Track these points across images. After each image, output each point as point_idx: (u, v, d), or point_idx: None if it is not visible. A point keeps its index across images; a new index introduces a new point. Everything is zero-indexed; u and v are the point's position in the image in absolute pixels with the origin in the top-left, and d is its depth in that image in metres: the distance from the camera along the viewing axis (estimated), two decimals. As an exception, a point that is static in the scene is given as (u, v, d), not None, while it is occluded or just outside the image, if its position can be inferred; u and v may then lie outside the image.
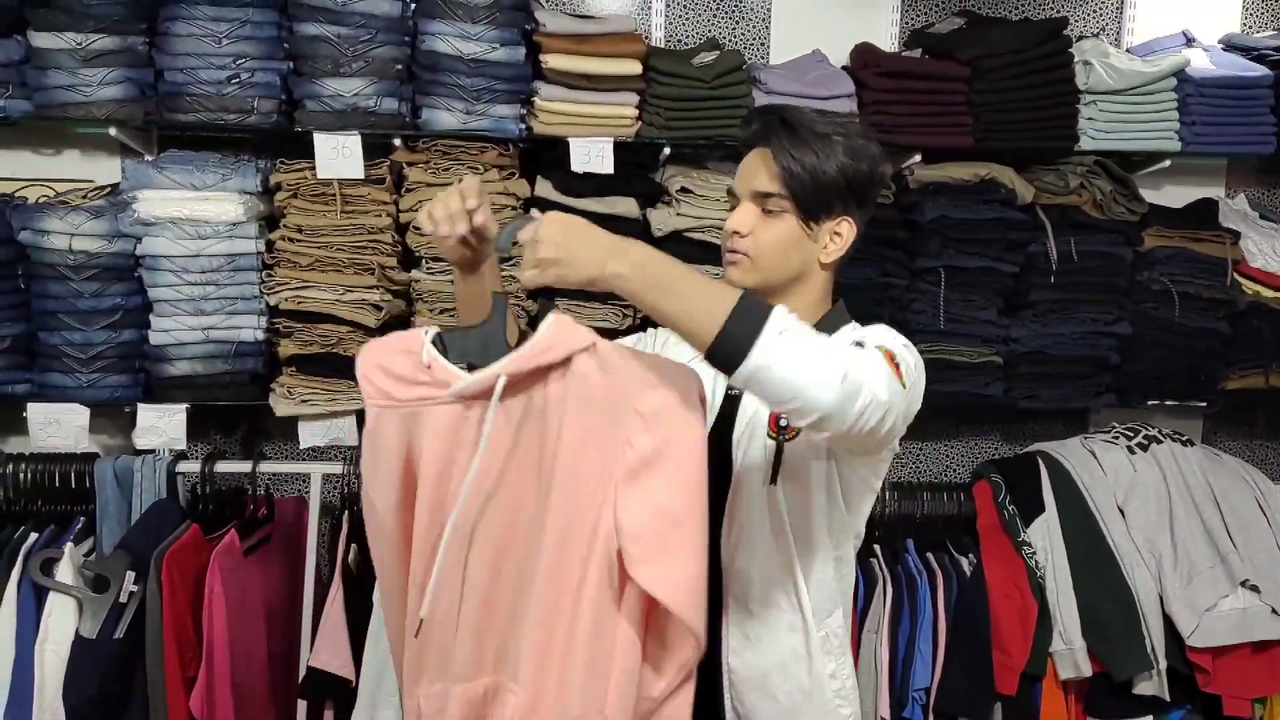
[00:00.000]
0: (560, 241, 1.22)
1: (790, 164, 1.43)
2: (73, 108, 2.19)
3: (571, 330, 1.26)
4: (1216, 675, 2.30)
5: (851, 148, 1.46)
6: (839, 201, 1.46)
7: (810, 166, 1.43)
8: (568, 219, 1.25)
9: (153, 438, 2.32)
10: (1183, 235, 2.55)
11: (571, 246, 1.22)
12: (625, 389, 1.23)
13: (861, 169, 1.46)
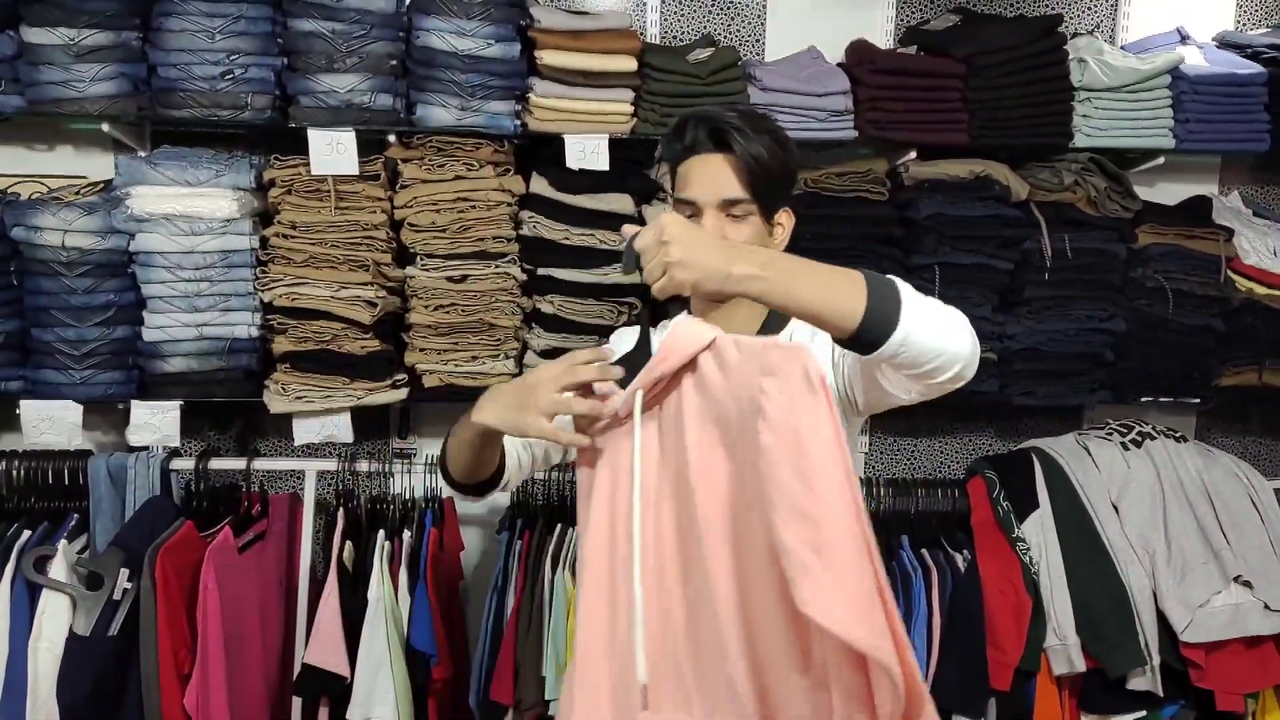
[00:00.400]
0: (687, 241, 1.16)
1: (754, 166, 1.44)
2: (66, 103, 2.18)
3: (692, 332, 1.18)
4: (1209, 670, 2.31)
5: (781, 137, 1.48)
6: (785, 192, 1.49)
7: (766, 164, 1.44)
8: (684, 222, 1.19)
9: (146, 435, 2.31)
10: (1177, 232, 2.56)
11: (697, 249, 1.16)
12: (747, 383, 1.13)
13: (793, 156, 1.49)
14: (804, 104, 2.36)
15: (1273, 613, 2.32)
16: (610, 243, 2.37)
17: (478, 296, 2.34)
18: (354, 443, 2.44)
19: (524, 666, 2.18)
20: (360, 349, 2.30)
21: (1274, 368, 2.63)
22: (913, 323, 1.17)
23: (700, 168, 1.46)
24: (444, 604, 2.26)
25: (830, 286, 1.17)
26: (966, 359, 1.22)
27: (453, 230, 2.31)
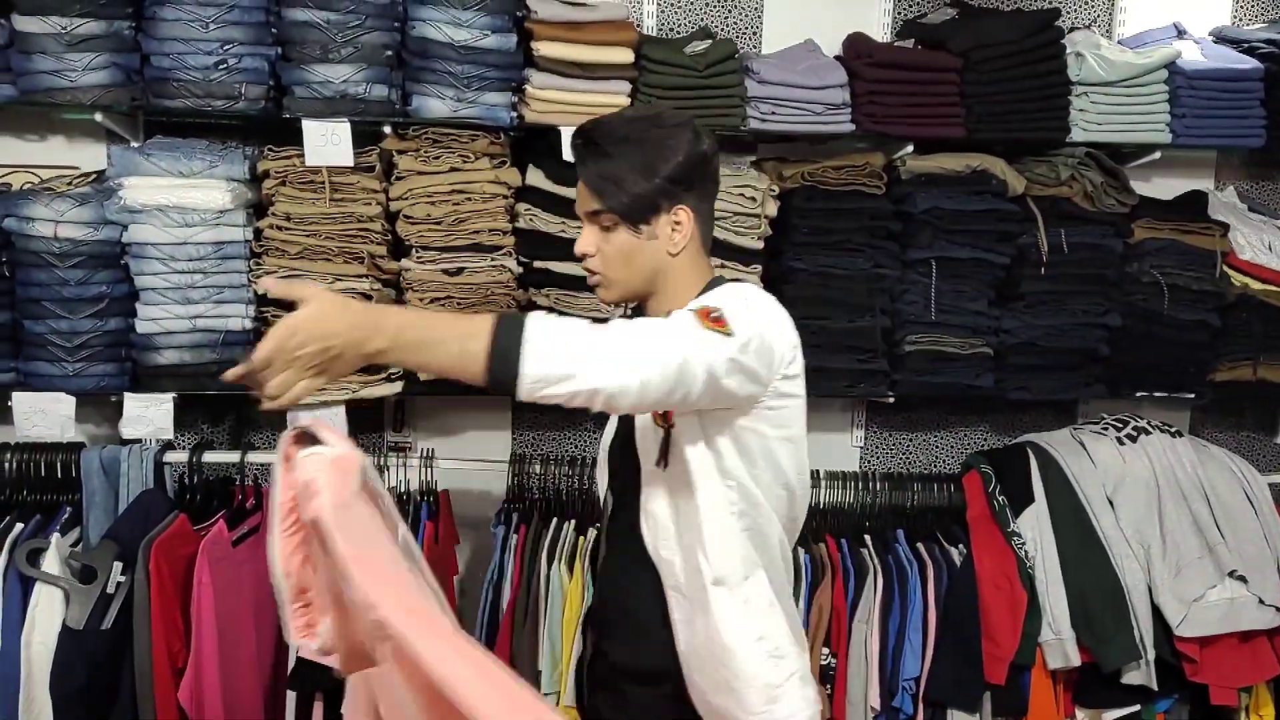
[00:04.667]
0: (318, 336, 1.20)
1: (598, 180, 1.48)
2: (58, 93, 2.16)
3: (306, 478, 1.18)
4: (1204, 665, 2.32)
5: (657, 141, 1.47)
6: (661, 197, 1.47)
7: (616, 175, 1.46)
8: (295, 322, 1.20)
9: (140, 427, 2.30)
10: (1172, 227, 2.56)
11: (323, 338, 1.20)
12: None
13: (673, 159, 1.46)
14: (801, 97, 2.35)
15: (1267, 607, 2.33)
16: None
17: (473, 289, 2.33)
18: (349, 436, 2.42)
19: (519, 660, 2.18)
20: (355, 342, 2.29)
21: (1269, 363, 2.64)
22: (542, 365, 1.22)
23: (579, 183, 1.53)
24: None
25: (454, 344, 1.23)
26: (610, 392, 1.25)
27: (448, 223, 2.30)
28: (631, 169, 1.46)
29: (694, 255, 1.53)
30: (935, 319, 2.46)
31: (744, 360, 1.34)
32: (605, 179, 1.47)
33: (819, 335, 2.44)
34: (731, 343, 1.33)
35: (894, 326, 2.48)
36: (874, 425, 2.86)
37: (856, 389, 2.52)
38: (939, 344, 2.48)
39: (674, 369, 1.27)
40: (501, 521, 2.33)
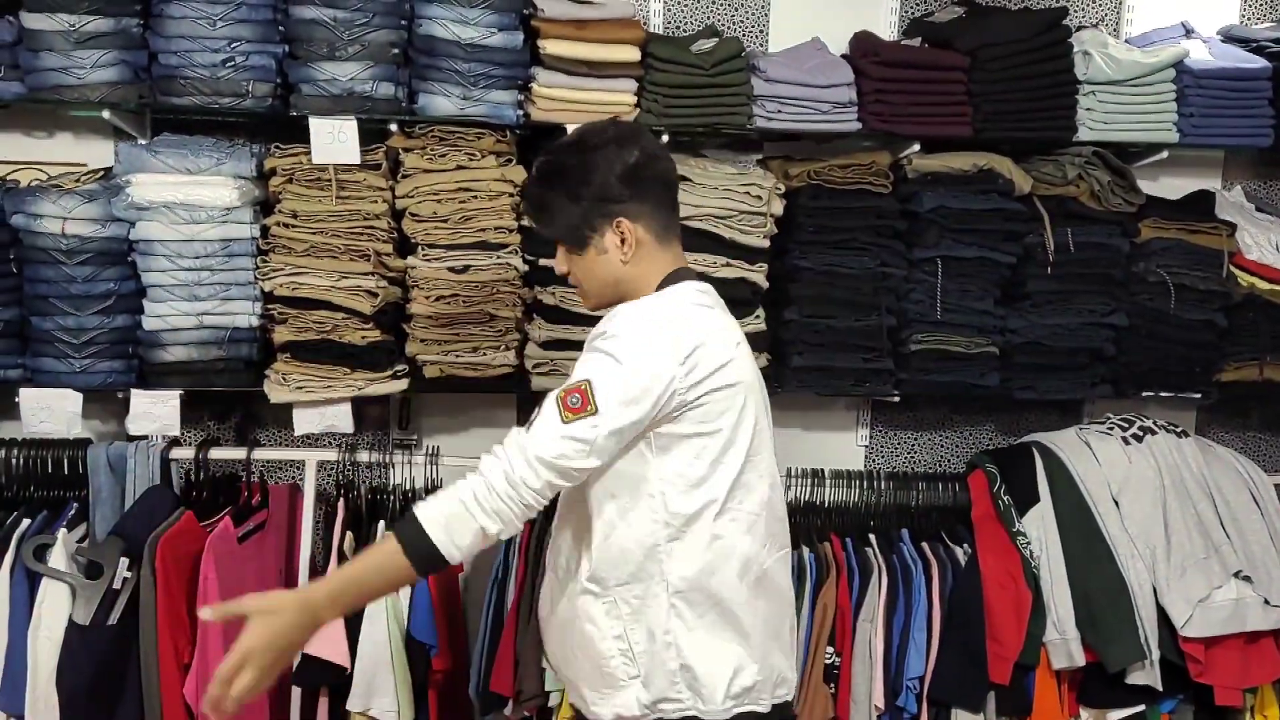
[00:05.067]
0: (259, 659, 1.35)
1: (535, 211, 1.67)
2: (66, 90, 2.16)
3: None
4: (1209, 665, 2.32)
5: (578, 166, 1.56)
6: (594, 216, 1.56)
7: (547, 205, 1.60)
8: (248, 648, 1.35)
9: (146, 424, 2.30)
10: (1179, 227, 2.55)
11: (276, 648, 1.36)
12: None
13: (596, 179, 1.54)
14: (808, 95, 2.35)
15: (1272, 608, 2.33)
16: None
17: (479, 287, 2.34)
18: (354, 433, 2.43)
19: (524, 658, 2.18)
20: (361, 339, 2.30)
21: (1275, 363, 2.64)
22: (452, 546, 1.42)
23: None
24: (444, 595, 2.26)
25: (381, 574, 1.46)
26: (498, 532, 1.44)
27: (454, 220, 2.30)
28: (557, 197, 1.57)
29: (650, 256, 1.59)
30: (941, 318, 2.45)
31: (608, 432, 1.44)
32: (540, 210, 1.63)
33: (824, 334, 2.44)
34: (592, 427, 1.43)
35: (900, 325, 2.48)
36: (879, 424, 2.85)
37: (862, 388, 2.51)
38: (945, 343, 2.48)
39: (541, 489, 1.44)
40: (506, 519, 2.33)
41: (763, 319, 2.45)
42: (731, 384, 1.53)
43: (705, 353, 1.50)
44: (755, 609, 1.58)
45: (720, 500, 1.53)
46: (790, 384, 2.47)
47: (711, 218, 2.36)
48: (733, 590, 1.55)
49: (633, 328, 1.50)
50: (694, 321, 1.53)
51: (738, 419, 1.54)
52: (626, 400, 1.44)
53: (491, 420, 2.73)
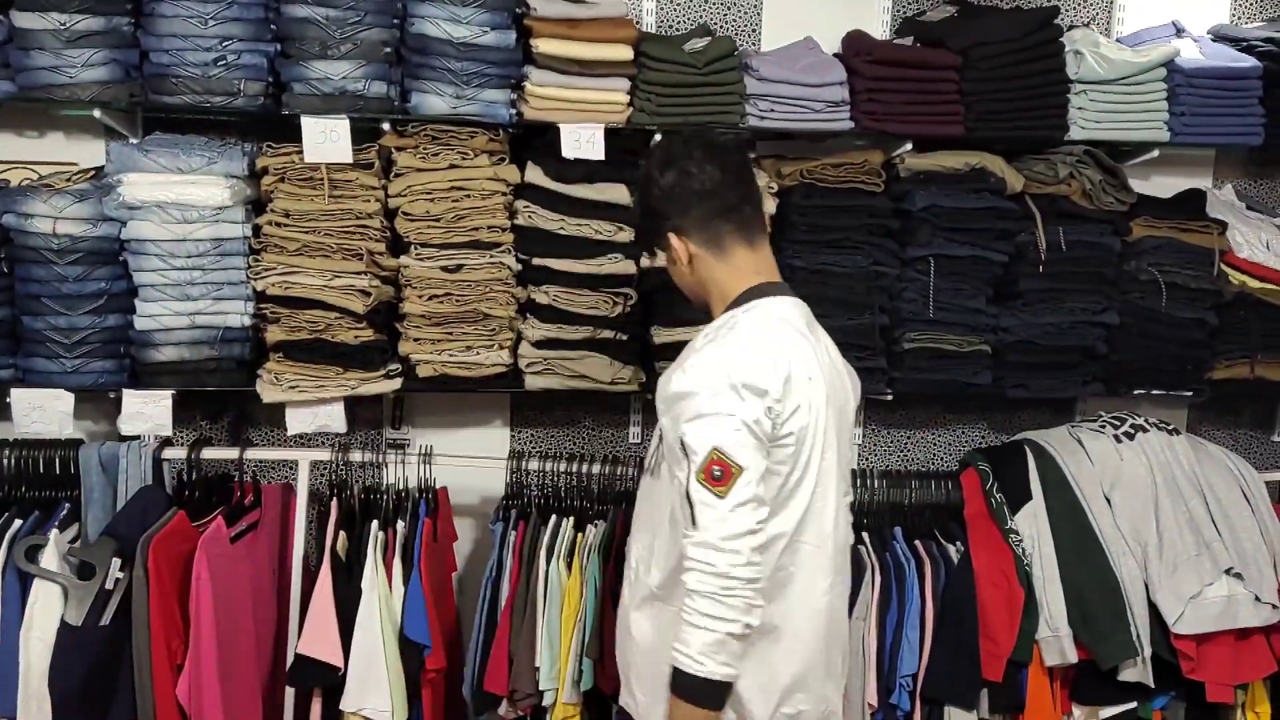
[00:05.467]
0: None
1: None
2: (56, 89, 2.16)
3: None
4: (1200, 662, 2.33)
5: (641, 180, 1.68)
6: (650, 231, 1.68)
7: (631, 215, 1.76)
8: None
9: (138, 424, 2.30)
10: (1171, 226, 2.56)
11: None
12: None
13: (642, 200, 1.67)
14: (800, 94, 2.35)
15: (1263, 604, 2.34)
16: (605, 233, 2.36)
17: (472, 286, 2.33)
18: (347, 433, 2.43)
19: (518, 657, 2.18)
20: (354, 338, 2.29)
21: (1266, 361, 2.65)
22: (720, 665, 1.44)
23: None
24: (438, 594, 2.25)
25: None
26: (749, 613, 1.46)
27: (447, 219, 2.30)
28: (635, 209, 1.76)
29: (710, 266, 1.63)
30: (934, 317, 2.46)
31: (759, 478, 1.47)
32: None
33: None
34: (747, 484, 1.45)
35: (892, 324, 2.48)
36: (872, 422, 2.86)
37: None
38: (937, 342, 2.48)
39: (750, 561, 1.44)
40: (500, 518, 2.33)
41: (756, 318, 2.45)
42: (804, 426, 1.53)
43: (783, 394, 1.51)
44: (810, 640, 1.59)
45: (789, 534, 1.55)
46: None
47: (704, 217, 2.37)
48: (789, 620, 1.57)
49: (715, 384, 1.49)
50: (768, 363, 1.52)
51: (809, 458, 1.55)
52: (754, 448, 1.47)
53: (484, 420, 2.73)
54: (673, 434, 1.53)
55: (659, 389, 1.58)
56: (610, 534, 2.26)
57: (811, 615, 1.58)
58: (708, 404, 1.48)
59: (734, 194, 1.61)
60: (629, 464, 2.37)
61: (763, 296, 1.60)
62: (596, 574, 2.20)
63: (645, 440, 2.79)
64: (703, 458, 1.45)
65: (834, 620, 1.63)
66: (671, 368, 1.60)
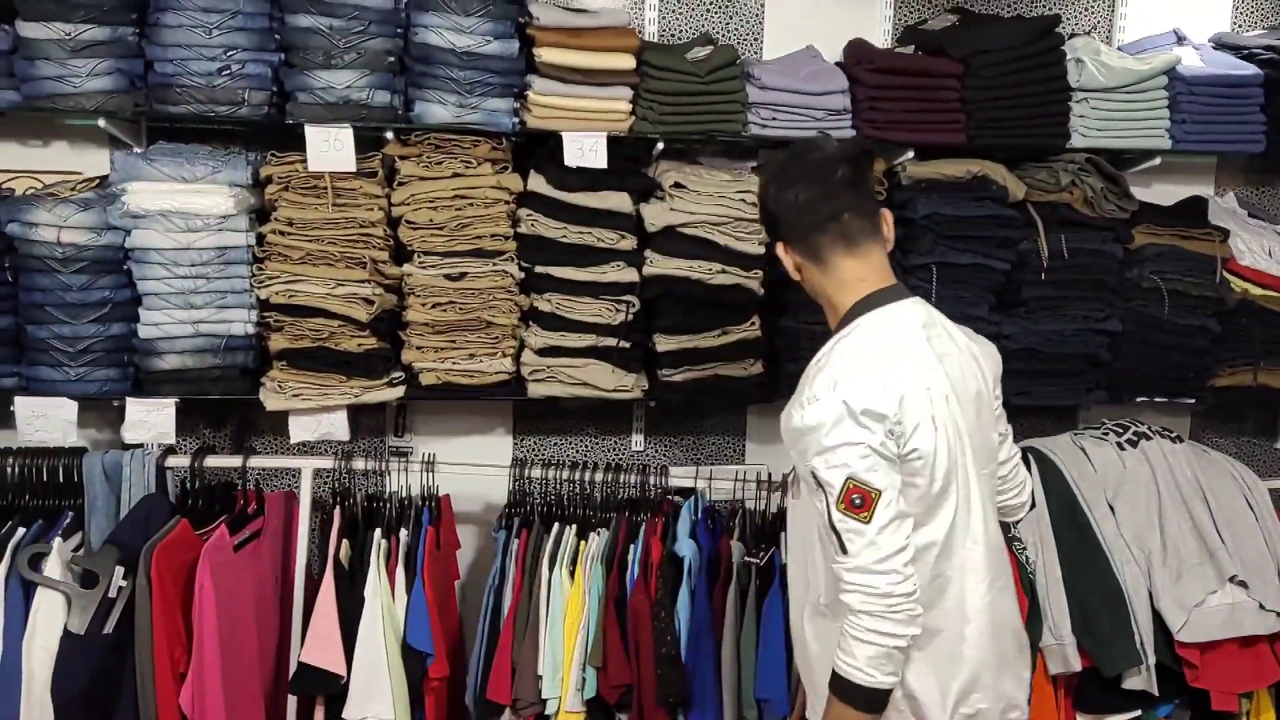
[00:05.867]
0: None
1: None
2: (61, 99, 2.17)
3: None
4: (1205, 670, 2.32)
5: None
6: (772, 240, 1.73)
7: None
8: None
9: (142, 432, 2.30)
10: (1173, 233, 2.56)
11: None
12: None
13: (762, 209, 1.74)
14: (802, 103, 2.36)
15: (1267, 612, 2.33)
16: (608, 241, 2.37)
17: (475, 294, 2.34)
18: (350, 441, 2.43)
19: (521, 665, 2.18)
20: (357, 346, 2.30)
21: (1269, 368, 2.65)
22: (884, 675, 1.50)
23: None
24: (441, 603, 2.25)
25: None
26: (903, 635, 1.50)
27: (450, 228, 2.31)
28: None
29: (818, 277, 1.67)
30: (936, 324, 2.46)
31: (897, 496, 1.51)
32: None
33: (819, 341, 2.41)
34: (887, 505, 1.49)
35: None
36: (875, 430, 2.85)
37: (857, 394, 2.51)
38: (940, 349, 2.48)
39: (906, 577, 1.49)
40: (503, 526, 2.33)
41: (758, 325, 2.46)
42: (931, 441, 1.54)
43: (900, 414, 1.52)
44: (980, 640, 1.61)
45: (940, 542, 1.58)
46: (786, 390, 2.46)
47: (707, 224, 2.37)
48: (951, 623, 1.59)
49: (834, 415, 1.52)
50: (879, 386, 1.53)
51: (946, 467, 1.56)
52: (886, 469, 1.51)
53: (487, 427, 2.73)
54: (803, 467, 1.57)
55: (782, 423, 1.61)
56: (613, 542, 2.25)
57: (974, 616, 1.61)
58: (831, 436, 1.51)
59: (830, 206, 1.61)
60: (631, 471, 2.37)
61: (868, 310, 1.63)
62: (599, 582, 2.20)
63: (648, 448, 2.80)
64: (839, 489, 1.49)
65: (998, 617, 1.64)
66: (790, 402, 1.62)
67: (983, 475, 1.65)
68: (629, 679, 2.15)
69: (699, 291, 2.40)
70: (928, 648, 1.57)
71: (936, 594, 1.58)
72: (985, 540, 1.62)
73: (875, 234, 1.65)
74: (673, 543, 2.25)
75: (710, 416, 2.80)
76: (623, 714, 2.18)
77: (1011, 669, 1.67)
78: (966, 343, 1.71)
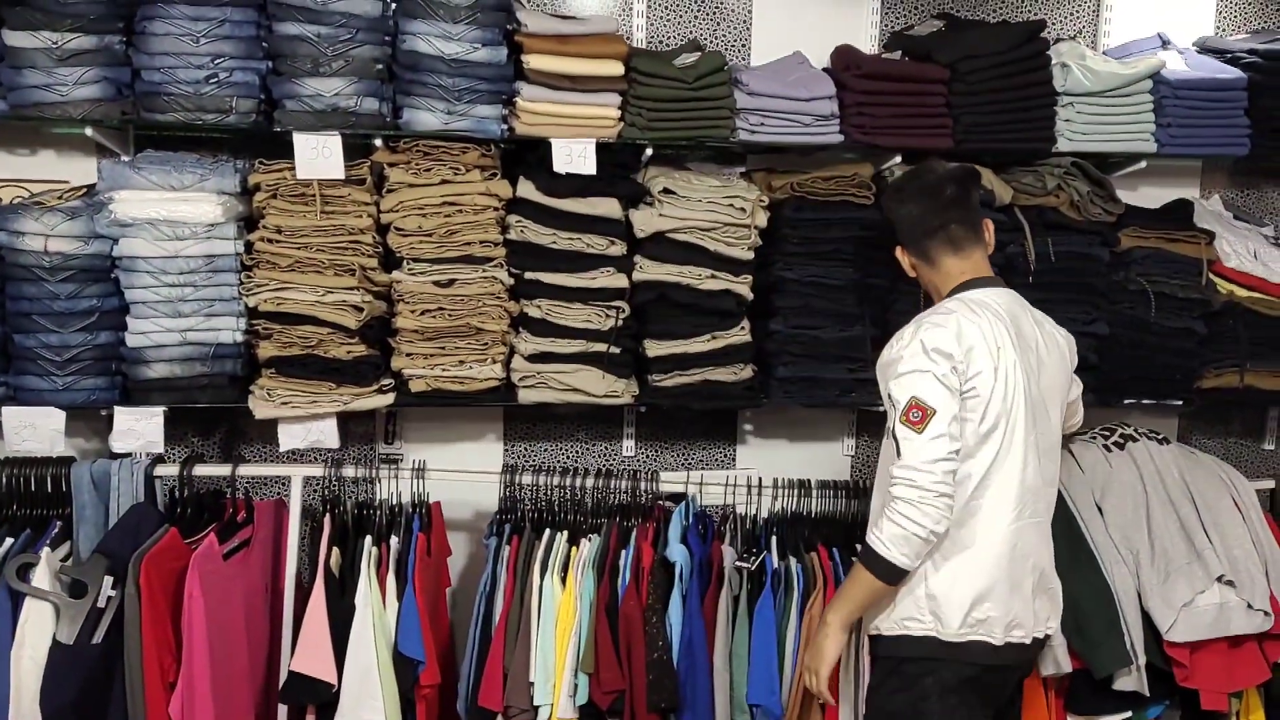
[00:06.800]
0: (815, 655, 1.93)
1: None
2: (48, 107, 2.16)
3: None
4: (1194, 670, 2.32)
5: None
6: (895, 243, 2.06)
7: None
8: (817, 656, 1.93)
9: (130, 441, 2.29)
10: (1159, 236, 2.58)
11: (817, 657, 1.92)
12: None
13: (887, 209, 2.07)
14: (790, 108, 2.37)
15: (1255, 612, 2.34)
16: (598, 247, 2.37)
17: (465, 301, 2.34)
18: (340, 448, 2.43)
19: (513, 672, 2.17)
20: (346, 354, 2.29)
21: (1255, 369, 2.66)
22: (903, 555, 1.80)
23: None
24: (432, 610, 2.25)
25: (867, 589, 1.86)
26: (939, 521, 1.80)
27: (439, 234, 2.31)
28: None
29: (929, 275, 2.01)
30: (925, 328, 2.47)
31: (950, 420, 1.80)
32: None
33: (809, 345, 2.45)
34: (939, 421, 1.79)
35: (884, 336, 2.48)
36: (865, 434, 2.87)
37: (847, 398, 2.53)
38: (929, 353, 2.49)
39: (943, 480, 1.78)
40: (494, 533, 2.33)
41: (748, 330, 2.46)
42: (989, 386, 1.84)
43: (966, 359, 1.84)
44: (999, 560, 1.88)
45: (979, 476, 1.86)
46: (776, 395, 2.49)
47: (696, 230, 2.38)
48: (976, 540, 1.87)
49: (911, 350, 1.84)
50: (952, 334, 1.84)
51: (998, 410, 1.85)
52: (945, 395, 1.80)
53: (478, 434, 2.73)
54: (884, 392, 1.89)
55: (878, 365, 1.95)
56: (604, 548, 2.25)
57: (998, 540, 1.87)
58: (906, 364, 1.84)
59: (938, 218, 1.96)
60: (622, 477, 2.37)
61: (966, 290, 1.95)
62: (591, 588, 2.20)
63: (638, 453, 2.80)
64: (903, 405, 1.81)
65: (1020, 548, 1.90)
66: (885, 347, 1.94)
67: (1033, 430, 1.90)
68: (621, 685, 2.14)
69: (688, 297, 2.41)
70: (954, 558, 1.86)
71: (969, 515, 1.86)
72: (1022, 482, 1.89)
73: (978, 239, 2.00)
74: (664, 548, 2.25)
75: (701, 421, 2.80)
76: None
77: (1021, 591, 1.91)
78: (1052, 330, 2.03)
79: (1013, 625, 1.90)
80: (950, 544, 1.86)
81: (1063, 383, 2.03)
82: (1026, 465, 1.90)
